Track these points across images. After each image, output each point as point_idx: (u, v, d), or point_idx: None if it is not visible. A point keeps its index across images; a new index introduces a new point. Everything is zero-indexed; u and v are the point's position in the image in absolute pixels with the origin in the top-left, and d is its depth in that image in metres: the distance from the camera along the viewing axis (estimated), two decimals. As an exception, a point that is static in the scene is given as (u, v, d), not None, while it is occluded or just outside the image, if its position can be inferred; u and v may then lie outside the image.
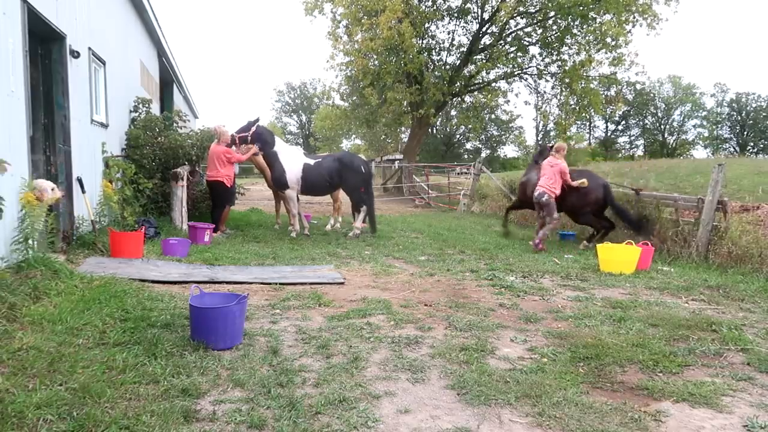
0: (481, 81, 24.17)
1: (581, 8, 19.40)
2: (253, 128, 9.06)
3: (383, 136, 40.85)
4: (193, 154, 9.80)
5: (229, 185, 8.88)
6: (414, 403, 2.93)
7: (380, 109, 23.88)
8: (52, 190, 5.00)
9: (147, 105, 10.34)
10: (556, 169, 8.69)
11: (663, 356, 3.70)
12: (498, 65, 22.98)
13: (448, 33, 30.76)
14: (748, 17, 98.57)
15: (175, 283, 5.39)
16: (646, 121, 64.61)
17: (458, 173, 26.40)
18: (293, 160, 9.26)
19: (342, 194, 10.57)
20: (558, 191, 8.73)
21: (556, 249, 8.85)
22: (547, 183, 8.70)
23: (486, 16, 22.89)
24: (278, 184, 9.29)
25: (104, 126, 8.12)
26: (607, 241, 8.41)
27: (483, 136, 55.59)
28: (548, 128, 49.17)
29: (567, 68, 21.48)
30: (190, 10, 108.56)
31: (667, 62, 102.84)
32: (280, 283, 5.56)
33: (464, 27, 24.39)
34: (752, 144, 62.65)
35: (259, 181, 19.93)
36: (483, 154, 55.32)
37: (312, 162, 9.38)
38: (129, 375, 2.97)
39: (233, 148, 8.95)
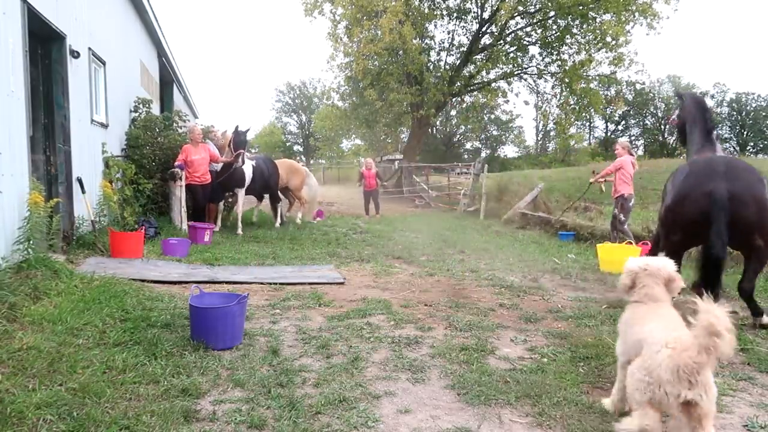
0: (480, 81, 24.16)
1: (581, 8, 19.40)
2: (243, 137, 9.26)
3: (383, 136, 40.81)
4: None
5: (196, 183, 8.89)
6: (414, 403, 2.93)
7: (380, 110, 23.88)
8: None
9: (147, 105, 10.34)
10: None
11: (663, 356, 3.69)
12: (498, 65, 22.98)
13: (448, 33, 30.82)
14: (748, 17, 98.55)
15: (175, 283, 5.38)
16: (646, 121, 64.58)
17: (458, 173, 26.39)
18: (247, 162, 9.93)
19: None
20: None
21: (557, 249, 8.84)
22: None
23: (486, 15, 22.91)
24: (242, 184, 9.66)
25: (104, 126, 8.12)
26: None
27: (483, 136, 55.57)
28: (548, 128, 49.13)
29: (567, 68, 21.48)
30: (190, 10, 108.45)
31: (667, 62, 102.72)
32: (280, 283, 5.56)
33: (464, 27, 24.42)
34: (752, 144, 62.61)
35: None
36: (483, 154, 55.26)
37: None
38: (129, 375, 2.97)
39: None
